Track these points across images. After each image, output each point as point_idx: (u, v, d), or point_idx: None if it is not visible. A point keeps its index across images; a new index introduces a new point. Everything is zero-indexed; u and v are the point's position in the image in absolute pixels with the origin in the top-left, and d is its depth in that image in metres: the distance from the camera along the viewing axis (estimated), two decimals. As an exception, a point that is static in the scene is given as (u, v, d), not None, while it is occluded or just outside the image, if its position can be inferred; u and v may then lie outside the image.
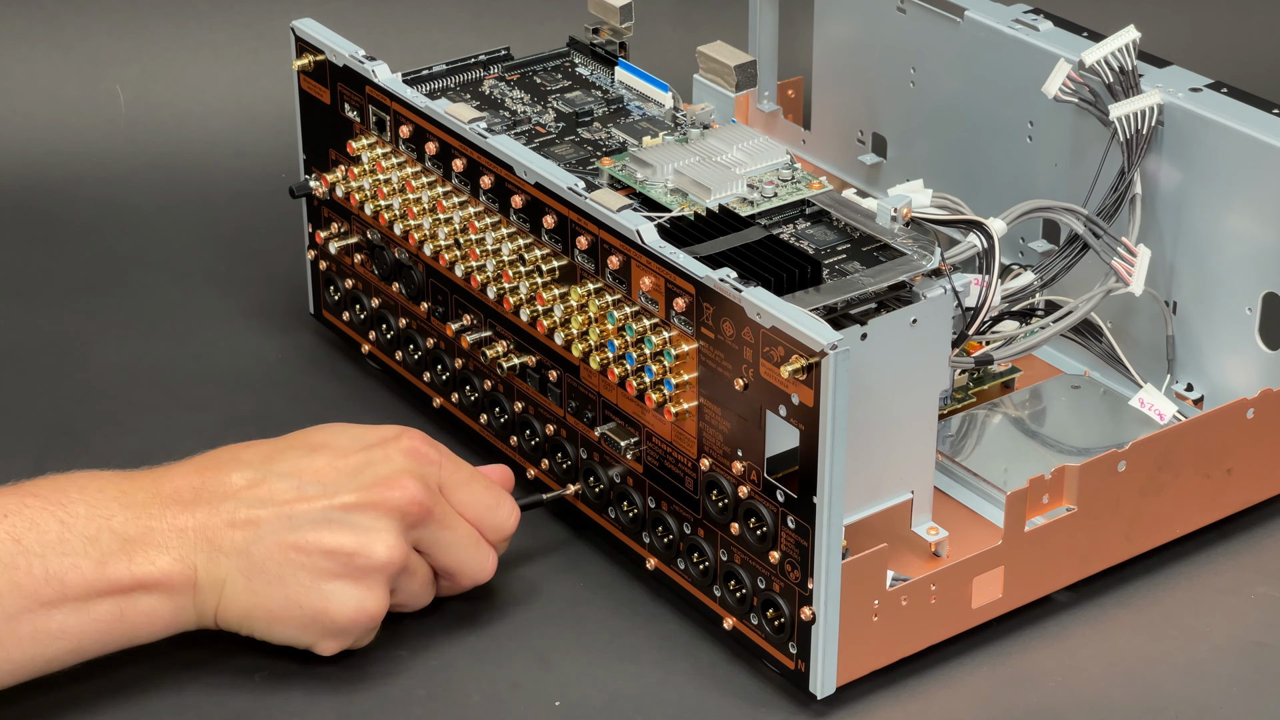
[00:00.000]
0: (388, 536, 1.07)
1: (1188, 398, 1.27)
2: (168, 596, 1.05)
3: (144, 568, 1.04)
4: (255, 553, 1.06)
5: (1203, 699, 1.10)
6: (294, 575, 1.06)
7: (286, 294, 1.45)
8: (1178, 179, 1.24)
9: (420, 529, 1.09)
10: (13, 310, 1.45)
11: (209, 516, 1.06)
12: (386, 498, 1.07)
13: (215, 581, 1.06)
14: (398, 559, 1.07)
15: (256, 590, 1.06)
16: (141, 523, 1.05)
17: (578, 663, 1.12)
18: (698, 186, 1.17)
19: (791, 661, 1.07)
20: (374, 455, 1.09)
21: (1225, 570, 1.19)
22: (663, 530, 1.14)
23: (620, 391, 1.14)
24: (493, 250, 1.19)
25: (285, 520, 1.06)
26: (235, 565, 1.06)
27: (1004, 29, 1.32)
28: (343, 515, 1.06)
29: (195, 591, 1.06)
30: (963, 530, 1.18)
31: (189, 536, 1.05)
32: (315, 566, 1.06)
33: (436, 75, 1.32)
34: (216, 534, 1.06)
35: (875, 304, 1.10)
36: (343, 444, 1.09)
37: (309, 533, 1.06)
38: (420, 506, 1.08)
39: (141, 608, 1.05)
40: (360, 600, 1.07)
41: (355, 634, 1.09)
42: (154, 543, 1.05)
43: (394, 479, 1.07)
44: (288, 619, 1.07)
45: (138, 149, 1.62)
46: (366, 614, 1.07)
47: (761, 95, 1.50)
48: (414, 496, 1.07)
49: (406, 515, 1.07)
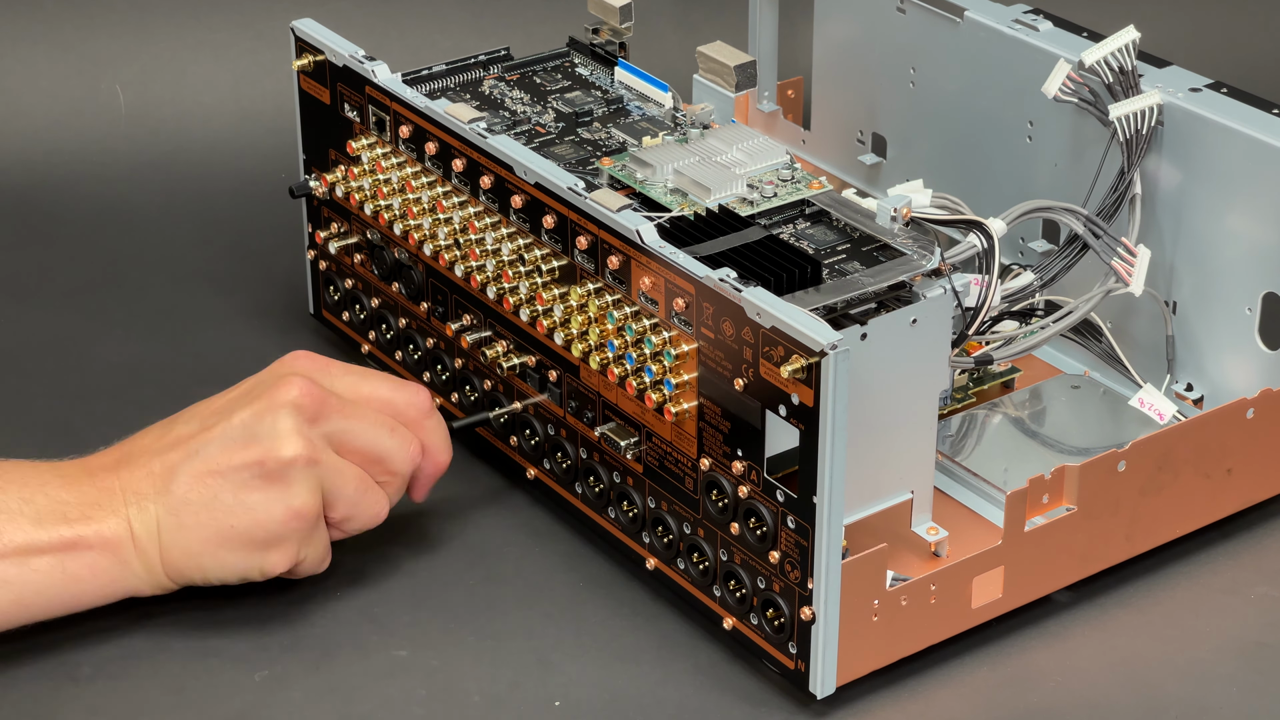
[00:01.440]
0: (289, 433, 1.10)
1: (1188, 398, 1.27)
2: (107, 552, 1.10)
3: (78, 527, 1.09)
4: (176, 491, 1.10)
5: (1203, 699, 1.10)
6: (216, 499, 1.10)
7: (286, 294, 1.45)
8: (1178, 179, 1.24)
9: (324, 422, 1.12)
10: (13, 310, 1.45)
11: (130, 474, 1.11)
12: (275, 397, 1.11)
13: (150, 530, 1.10)
14: (304, 449, 1.10)
15: (188, 525, 1.10)
16: (75, 489, 1.10)
17: (578, 663, 1.12)
18: (698, 186, 1.17)
19: (791, 661, 1.07)
20: (262, 377, 1.14)
21: (1225, 570, 1.19)
22: (663, 530, 1.14)
23: (620, 391, 1.14)
24: (492, 250, 1.19)
25: (194, 454, 1.10)
26: (161, 507, 1.10)
27: (1004, 29, 1.32)
28: (241, 430, 1.10)
29: (134, 545, 1.10)
30: (963, 530, 1.18)
31: (117, 494, 1.10)
32: (233, 483, 1.10)
33: (436, 75, 1.32)
34: (139, 485, 1.10)
35: (875, 304, 1.10)
36: (236, 384, 1.15)
37: (217, 455, 1.10)
38: (311, 396, 1.11)
39: (83, 561, 1.09)
40: (286, 501, 1.10)
41: (295, 538, 1.11)
42: (89, 502, 1.10)
43: (280, 384, 1.12)
44: (227, 542, 1.10)
45: (138, 149, 1.62)
46: (295, 512, 1.10)
47: (761, 95, 1.50)
48: (302, 389, 1.11)
49: (301, 409, 1.11)
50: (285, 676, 1.11)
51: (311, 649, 1.13)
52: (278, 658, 1.12)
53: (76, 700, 1.10)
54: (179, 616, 1.15)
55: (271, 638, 1.14)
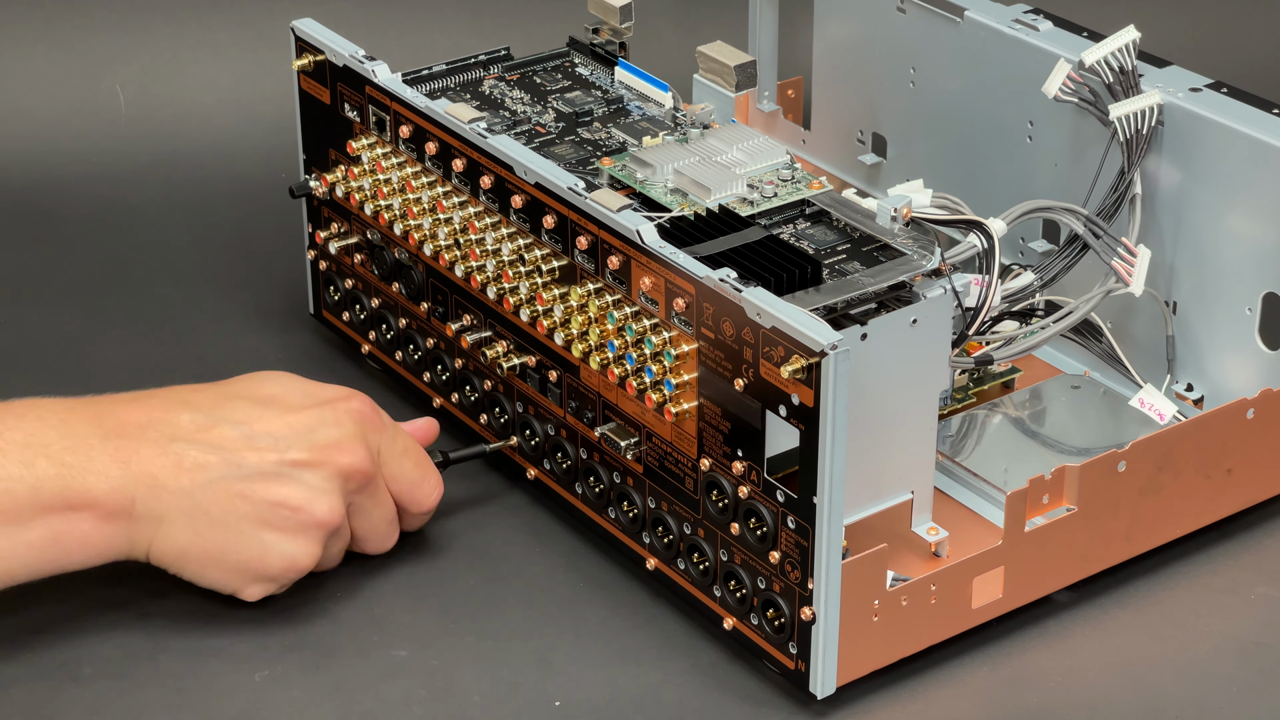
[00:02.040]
0: (331, 498, 1.11)
1: (1188, 398, 1.27)
2: (101, 521, 1.08)
3: (78, 491, 1.07)
4: (201, 496, 1.09)
5: (1203, 699, 1.10)
6: (236, 522, 1.09)
7: (286, 294, 1.45)
8: (1178, 179, 1.24)
9: (356, 496, 1.13)
10: (13, 310, 1.45)
11: (155, 454, 1.09)
12: (335, 460, 1.11)
13: (154, 517, 1.09)
14: (337, 520, 1.11)
15: (197, 531, 1.09)
16: (81, 451, 1.08)
17: (578, 663, 1.12)
18: (698, 186, 1.17)
19: (791, 661, 1.07)
20: (325, 415, 1.12)
21: (1225, 570, 1.19)
22: (663, 530, 1.14)
23: (620, 391, 1.14)
24: (493, 250, 1.19)
25: (235, 468, 1.09)
26: (178, 505, 1.09)
27: (1004, 29, 1.32)
28: (292, 471, 1.10)
29: (131, 521, 1.09)
30: (963, 530, 1.18)
31: (131, 469, 1.08)
32: (258, 516, 1.09)
33: (436, 75, 1.32)
34: (161, 471, 1.08)
35: (875, 304, 1.10)
36: (293, 399, 1.13)
37: (257, 483, 1.09)
38: (364, 475, 1.12)
39: (75, 531, 1.08)
40: (295, 553, 1.11)
41: (282, 583, 1.13)
42: (92, 470, 1.07)
43: (345, 443, 1.11)
44: (222, 562, 1.10)
45: (138, 149, 1.62)
46: (298, 567, 1.12)
47: (761, 95, 1.50)
48: (360, 464, 1.11)
49: (350, 479, 1.11)
50: (285, 676, 1.11)
51: (311, 649, 1.13)
52: (278, 658, 1.12)
53: (76, 700, 1.10)
54: (179, 616, 1.15)
55: (271, 638, 1.14)
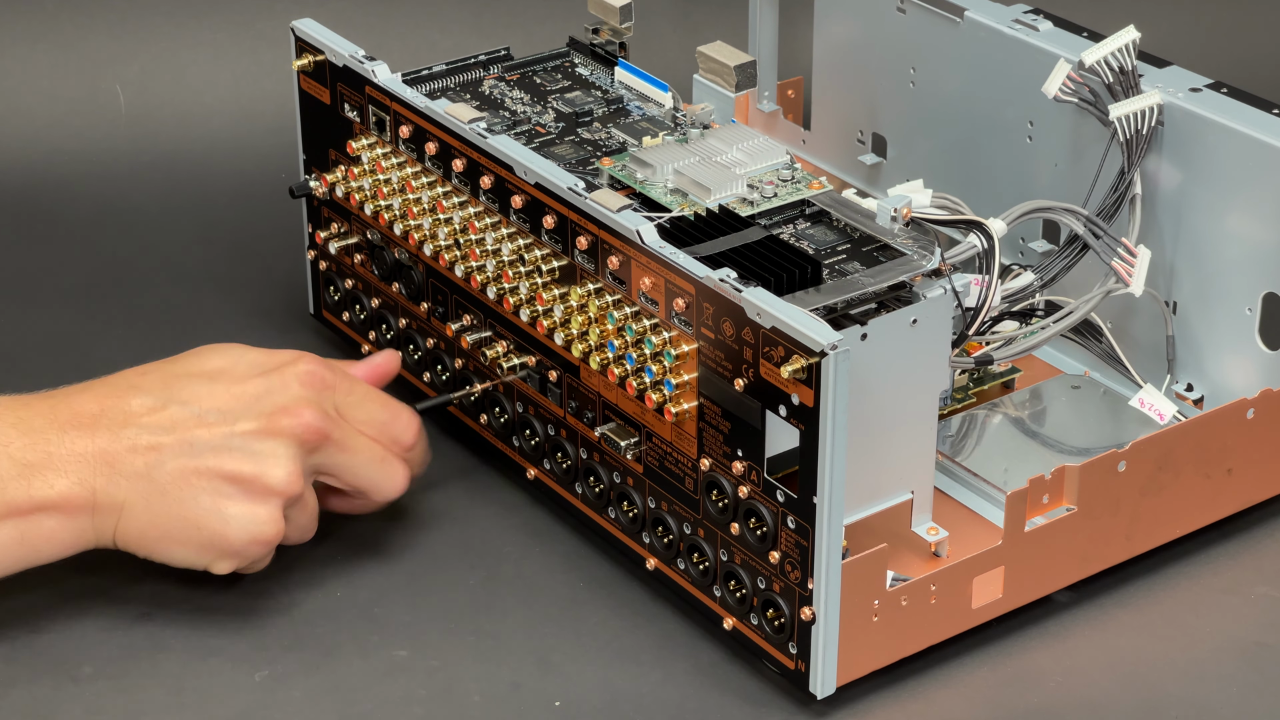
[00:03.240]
0: (286, 463, 1.11)
1: (1188, 398, 1.27)
2: (67, 518, 1.09)
3: (42, 491, 1.08)
4: (156, 477, 1.10)
5: (1203, 699, 1.10)
6: (194, 499, 1.10)
7: (286, 294, 1.45)
8: (1178, 179, 1.24)
9: (319, 455, 1.13)
10: (13, 310, 1.45)
11: (110, 442, 1.09)
12: (284, 425, 1.11)
13: (114, 504, 1.10)
14: (295, 485, 1.11)
15: (156, 513, 1.10)
16: (39, 448, 1.09)
17: (578, 663, 1.12)
18: (698, 186, 1.17)
19: (791, 661, 1.07)
20: (271, 382, 1.13)
21: (1225, 570, 1.19)
22: (663, 530, 1.14)
23: (620, 392, 1.14)
24: (493, 250, 1.19)
25: (186, 446, 1.10)
26: (136, 489, 1.09)
27: (1004, 29, 1.32)
28: (242, 442, 1.10)
29: (94, 513, 1.10)
30: (963, 530, 1.18)
31: (88, 461, 1.09)
32: (215, 491, 1.10)
33: (436, 75, 1.32)
34: (117, 459, 1.09)
35: (875, 304, 1.10)
36: (240, 371, 1.14)
37: (209, 458, 1.10)
38: (316, 432, 1.12)
39: (41, 530, 1.09)
40: (257, 524, 1.11)
41: (250, 556, 1.13)
42: (52, 467, 1.09)
43: (291, 407, 1.12)
44: (186, 540, 1.11)
45: (138, 149, 1.62)
46: (262, 537, 1.11)
47: (761, 95, 1.50)
48: (310, 423, 1.12)
49: (304, 441, 1.12)
50: (285, 676, 1.11)
51: (311, 649, 1.13)
52: (278, 658, 1.12)
53: (76, 700, 1.10)
54: (179, 616, 1.15)
55: (271, 638, 1.14)
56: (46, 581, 1.17)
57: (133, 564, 1.17)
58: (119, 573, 1.17)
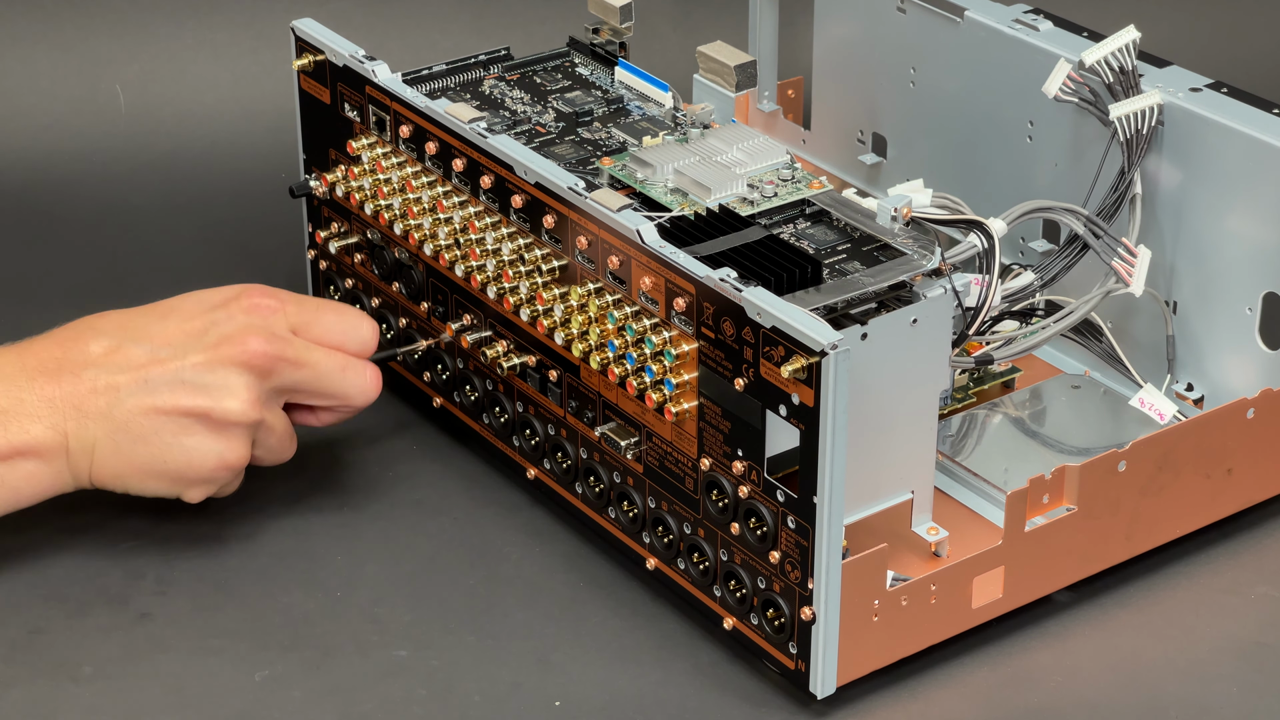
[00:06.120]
0: (240, 390, 1.14)
1: (1188, 398, 1.27)
2: (44, 462, 1.13)
3: (19, 436, 1.12)
4: (117, 416, 1.13)
5: (1203, 699, 1.10)
6: (156, 434, 1.13)
7: (286, 294, 1.45)
8: (1178, 179, 1.24)
9: (276, 377, 1.15)
10: (13, 310, 1.45)
11: (73, 385, 1.13)
12: (231, 354, 1.14)
13: (85, 445, 1.13)
14: (252, 412, 1.14)
15: (123, 450, 1.13)
16: (12, 395, 1.12)
17: (578, 663, 1.12)
18: (698, 186, 1.17)
19: (791, 661, 1.07)
20: (218, 316, 1.16)
21: (1225, 570, 1.19)
22: (663, 530, 1.14)
23: (620, 391, 1.14)
24: (493, 250, 1.19)
25: (142, 384, 1.13)
26: (101, 429, 1.13)
27: (1004, 29, 1.32)
28: (194, 374, 1.13)
29: (69, 456, 1.13)
30: (963, 530, 1.18)
31: (57, 405, 1.12)
32: (175, 425, 1.13)
33: (436, 75, 1.32)
34: (82, 400, 1.13)
35: (875, 304, 1.10)
36: (188, 308, 1.17)
37: (165, 394, 1.13)
38: (265, 356, 1.14)
39: (20, 473, 1.12)
40: (220, 453, 1.14)
41: (219, 482, 1.16)
42: (25, 413, 1.12)
43: (236, 335, 1.14)
44: (156, 474, 1.14)
45: (138, 149, 1.62)
46: (226, 465, 1.15)
47: (761, 95, 1.50)
48: (257, 349, 1.14)
49: (254, 367, 1.14)
50: (285, 676, 1.11)
51: (311, 649, 1.13)
52: (278, 658, 1.12)
53: (76, 700, 1.10)
54: (179, 616, 1.15)
55: (271, 638, 1.14)
56: (47, 581, 1.17)
57: (134, 562, 1.17)
58: (120, 572, 1.17)
